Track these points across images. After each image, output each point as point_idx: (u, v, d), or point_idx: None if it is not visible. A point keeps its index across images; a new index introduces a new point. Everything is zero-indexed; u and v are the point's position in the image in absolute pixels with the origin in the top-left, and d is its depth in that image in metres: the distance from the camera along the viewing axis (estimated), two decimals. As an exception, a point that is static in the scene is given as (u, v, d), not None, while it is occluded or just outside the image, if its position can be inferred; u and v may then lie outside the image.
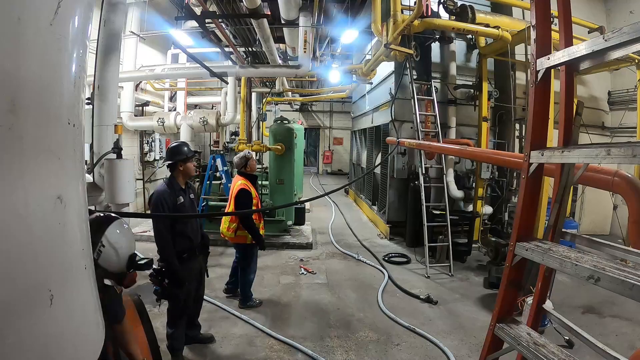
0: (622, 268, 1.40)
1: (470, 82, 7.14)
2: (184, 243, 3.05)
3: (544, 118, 1.99)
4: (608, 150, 1.46)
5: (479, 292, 4.94)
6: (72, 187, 0.80)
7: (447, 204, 6.12)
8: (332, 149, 20.68)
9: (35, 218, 0.69)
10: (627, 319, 4.16)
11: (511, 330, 1.98)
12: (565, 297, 4.56)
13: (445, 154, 6.26)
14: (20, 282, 0.66)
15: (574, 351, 3.32)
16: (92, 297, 0.91)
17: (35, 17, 0.67)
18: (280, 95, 13.71)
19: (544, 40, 1.95)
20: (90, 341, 0.88)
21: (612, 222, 8.06)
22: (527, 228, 2.03)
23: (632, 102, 7.55)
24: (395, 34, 5.80)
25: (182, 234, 3.03)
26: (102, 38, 3.13)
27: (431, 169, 6.70)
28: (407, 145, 6.30)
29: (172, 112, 7.92)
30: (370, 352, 3.49)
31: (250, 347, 3.51)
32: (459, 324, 4.08)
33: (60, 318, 0.75)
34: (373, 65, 7.72)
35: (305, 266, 5.65)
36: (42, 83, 0.70)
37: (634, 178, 2.17)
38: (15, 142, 0.64)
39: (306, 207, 8.74)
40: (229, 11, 5.46)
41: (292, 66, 7.01)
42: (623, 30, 1.41)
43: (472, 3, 6.43)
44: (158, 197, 2.99)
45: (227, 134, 11.56)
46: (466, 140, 6.68)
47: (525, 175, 2.00)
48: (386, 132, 7.88)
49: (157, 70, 7.10)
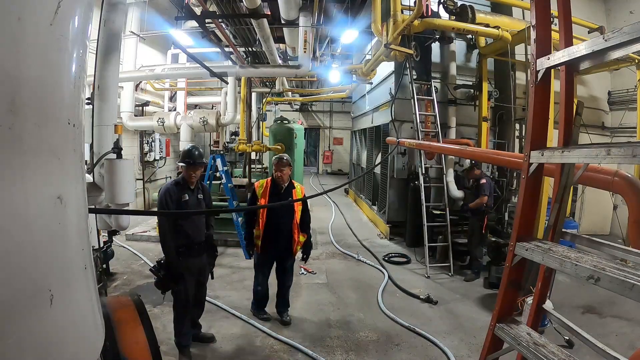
0: (622, 268, 1.40)
1: (470, 82, 7.14)
2: (181, 238, 3.14)
3: (544, 118, 1.99)
4: (608, 150, 1.46)
5: (479, 292, 4.94)
6: (72, 187, 0.80)
7: (447, 204, 6.12)
8: (332, 149, 20.68)
9: (35, 218, 0.69)
10: (627, 319, 4.16)
11: (511, 330, 1.98)
12: (565, 297, 4.56)
13: (445, 154, 6.26)
14: (20, 282, 0.66)
15: (574, 351, 3.32)
16: (92, 297, 0.91)
17: (35, 17, 0.67)
18: (280, 95, 13.70)
19: (544, 40, 1.95)
20: (90, 341, 0.88)
21: (612, 222, 8.06)
22: (527, 228, 2.04)
23: (632, 102, 7.55)
24: (395, 34, 5.80)
25: (180, 229, 3.14)
26: (102, 38, 3.13)
27: (431, 169, 6.70)
28: (407, 145, 6.30)
29: (172, 112, 7.92)
30: (370, 352, 3.49)
31: (250, 347, 3.51)
32: (459, 324, 4.08)
33: (60, 318, 0.75)
34: (373, 65, 7.72)
35: (305, 266, 5.64)
36: (42, 83, 0.70)
37: (634, 178, 2.17)
38: (15, 142, 0.64)
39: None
40: (229, 11, 5.46)
41: (292, 66, 7.00)
42: (623, 30, 1.41)
43: (472, 3, 6.43)
44: (163, 192, 3.19)
45: (227, 134, 11.57)
46: (466, 140, 6.68)
47: (525, 175, 2.00)
48: (386, 132, 7.88)
49: (157, 70, 7.10)
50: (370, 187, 9.64)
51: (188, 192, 3.23)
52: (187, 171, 3.23)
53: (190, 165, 3.21)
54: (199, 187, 3.38)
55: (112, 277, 5.01)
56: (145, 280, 4.97)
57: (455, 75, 7.16)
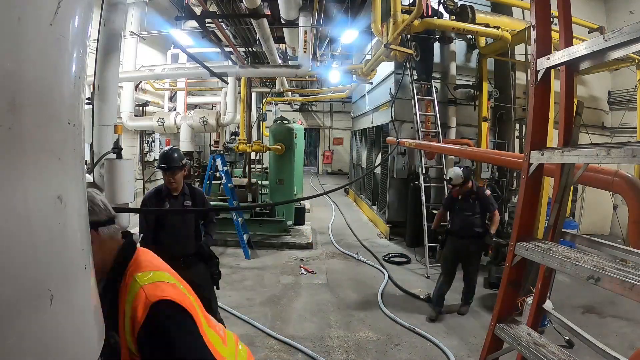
0: (622, 268, 1.40)
1: (470, 82, 7.15)
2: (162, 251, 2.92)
3: (544, 118, 1.99)
4: (608, 150, 1.46)
5: (479, 292, 4.93)
6: (72, 187, 0.80)
7: (447, 204, 6.11)
8: (332, 149, 20.68)
9: (35, 218, 0.69)
10: (627, 319, 4.16)
11: (511, 330, 1.98)
12: (565, 297, 4.56)
13: (445, 154, 6.26)
14: (20, 283, 0.66)
15: (574, 351, 3.32)
16: (92, 297, 0.91)
17: (35, 17, 0.67)
18: (280, 95, 13.70)
19: (544, 40, 1.95)
20: (91, 341, 0.88)
21: (612, 222, 8.06)
22: (527, 228, 2.04)
23: (632, 102, 7.55)
24: (395, 34, 5.80)
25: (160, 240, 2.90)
26: (102, 38, 3.13)
27: (431, 169, 6.70)
28: (407, 145, 6.30)
29: (172, 112, 7.91)
30: (370, 352, 3.49)
31: (250, 347, 3.47)
32: (459, 324, 4.08)
33: (60, 318, 0.75)
34: (373, 65, 7.72)
35: (305, 266, 5.64)
36: (42, 83, 0.70)
37: (634, 178, 2.17)
38: (15, 142, 0.64)
39: (306, 207, 8.75)
40: (229, 11, 5.46)
41: (292, 66, 7.01)
42: (623, 30, 1.41)
43: (472, 3, 6.43)
44: (142, 200, 3.09)
45: (227, 134, 11.58)
46: (466, 140, 6.69)
47: (525, 175, 2.00)
48: (386, 132, 7.88)
49: (157, 70, 7.10)
50: (370, 187, 9.64)
51: (170, 200, 2.95)
52: (165, 177, 2.95)
53: (166, 170, 2.92)
54: (187, 192, 3.04)
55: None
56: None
57: (455, 75, 7.16)
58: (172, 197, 2.97)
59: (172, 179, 2.93)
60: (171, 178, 2.93)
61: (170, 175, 2.92)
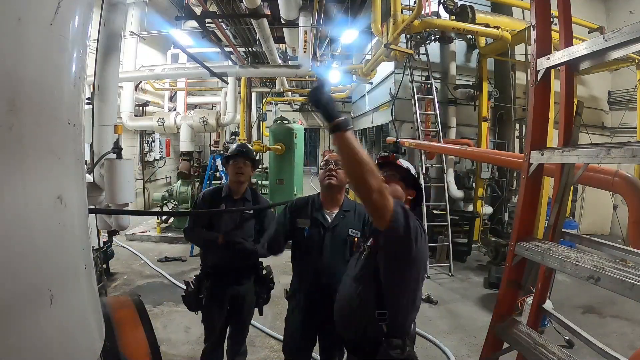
0: (622, 268, 1.40)
1: (470, 82, 7.13)
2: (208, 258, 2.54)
3: (544, 118, 1.99)
4: (608, 150, 1.46)
5: (479, 292, 4.93)
6: (72, 187, 0.80)
7: (447, 204, 6.11)
8: (332, 148, 20.67)
9: (35, 218, 0.69)
10: (627, 319, 4.16)
11: (511, 330, 1.98)
12: (565, 297, 4.56)
13: (445, 154, 6.26)
14: (20, 283, 0.66)
15: (574, 351, 3.32)
16: (92, 297, 0.91)
17: (35, 17, 0.67)
18: (280, 95, 13.70)
19: (544, 40, 1.95)
20: (90, 341, 0.88)
21: (612, 222, 8.05)
22: (527, 228, 2.04)
23: (632, 102, 7.55)
24: (395, 34, 5.80)
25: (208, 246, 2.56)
26: (102, 38, 3.13)
27: (431, 169, 6.70)
28: (407, 145, 6.29)
29: (172, 112, 7.92)
30: (370, 352, 3.48)
31: (250, 347, 3.50)
32: (459, 324, 4.07)
33: (60, 318, 0.75)
34: (373, 65, 7.73)
35: (305, 266, 5.63)
36: (42, 83, 0.70)
37: (634, 178, 2.17)
38: (16, 142, 0.64)
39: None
40: (229, 11, 5.45)
41: (292, 66, 7.01)
42: (623, 30, 1.41)
43: (472, 3, 6.43)
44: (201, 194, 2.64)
45: (227, 134, 11.57)
46: (466, 140, 6.68)
47: (525, 175, 2.00)
48: (386, 132, 7.88)
49: (157, 70, 7.10)
50: (370, 187, 9.61)
51: (228, 203, 2.52)
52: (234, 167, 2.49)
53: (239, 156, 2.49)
54: (249, 198, 2.57)
55: (112, 277, 5.01)
56: (145, 280, 4.97)
57: (455, 75, 7.15)
58: (231, 200, 2.54)
59: (241, 165, 2.49)
60: (241, 164, 2.49)
61: (242, 161, 2.49)
